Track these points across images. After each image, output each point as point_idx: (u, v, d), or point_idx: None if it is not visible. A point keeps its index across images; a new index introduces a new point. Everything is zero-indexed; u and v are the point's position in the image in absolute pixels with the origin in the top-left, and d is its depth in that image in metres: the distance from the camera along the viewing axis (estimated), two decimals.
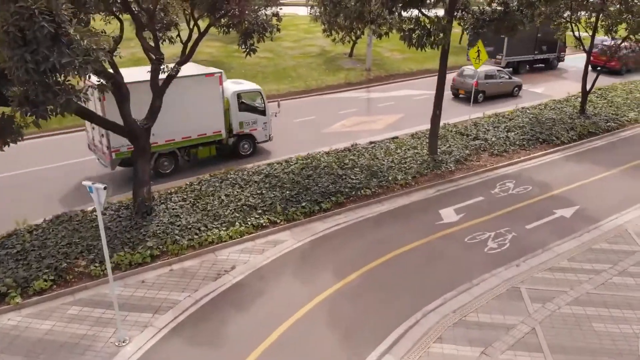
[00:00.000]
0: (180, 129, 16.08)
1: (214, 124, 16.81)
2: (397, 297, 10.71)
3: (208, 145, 17.20)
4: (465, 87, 25.99)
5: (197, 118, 16.29)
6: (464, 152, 18.37)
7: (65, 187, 15.93)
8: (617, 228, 13.60)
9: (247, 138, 18.24)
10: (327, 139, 20.68)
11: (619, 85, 28.67)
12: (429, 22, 14.07)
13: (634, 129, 22.10)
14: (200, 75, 16.39)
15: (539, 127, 21.00)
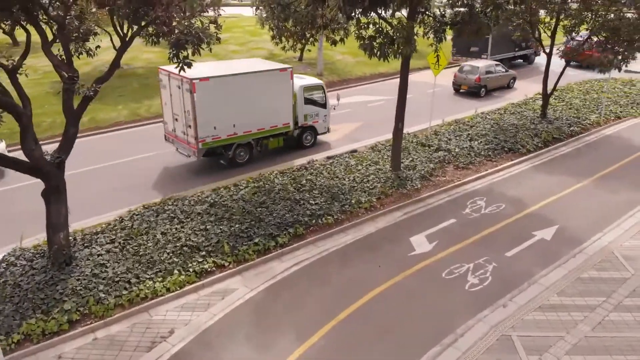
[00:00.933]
0: (256, 121, 16.95)
1: (284, 116, 17.77)
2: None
3: (277, 137, 18.02)
4: (468, 83, 27.17)
5: (270, 110, 17.20)
6: (429, 166, 16.92)
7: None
8: (602, 251, 12.44)
9: (310, 130, 19.20)
10: (275, 154, 18.75)
11: (574, 85, 28.29)
12: (391, 29, 12.43)
13: (597, 133, 21.43)
14: (275, 70, 17.36)
15: (503, 134, 19.91)
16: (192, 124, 15.53)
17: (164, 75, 16.63)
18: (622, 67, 19.08)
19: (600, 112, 23.19)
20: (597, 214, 14.31)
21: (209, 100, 15.43)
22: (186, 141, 16.28)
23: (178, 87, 15.79)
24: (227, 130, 16.30)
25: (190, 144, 16.04)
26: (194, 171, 17.17)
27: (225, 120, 16.11)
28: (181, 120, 16.09)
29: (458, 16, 15.09)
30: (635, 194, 15.54)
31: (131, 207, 13.76)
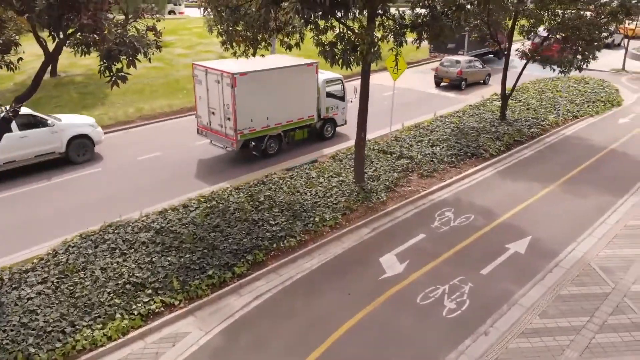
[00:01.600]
0: (286, 113, 17.87)
1: (310, 108, 18.76)
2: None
3: (302, 129, 18.89)
4: (450, 76, 28.77)
5: (298, 103, 18.10)
6: (392, 175, 16.06)
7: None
8: (579, 263, 11.89)
9: (330, 121, 20.16)
10: (229, 167, 17.45)
11: (529, 85, 28.32)
12: (352, 34, 11.39)
13: (557, 134, 21.27)
14: (303, 65, 18.11)
15: (464, 138, 19.35)
16: (231, 117, 16.49)
17: (200, 70, 17.30)
18: (582, 67, 18.89)
19: (558, 112, 23.11)
20: (569, 222, 13.83)
21: (246, 94, 16.38)
22: (224, 134, 17.15)
23: (217, 82, 16.61)
24: (261, 122, 17.26)
25: (229, 135, 16.94)
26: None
27: (260, 112, 17.05)
28: (218, 113, 16.99)
29: (419, 18, 14.28)
30: (602, 199, 15.22)
31: (67, 237, 12.15)
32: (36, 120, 16.55)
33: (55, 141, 16.82)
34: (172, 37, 41.57)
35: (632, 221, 13.84)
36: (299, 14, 9.51)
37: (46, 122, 16.71)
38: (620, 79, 31.95)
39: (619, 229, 13.44)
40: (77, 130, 17.40)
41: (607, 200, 15.15)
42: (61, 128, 16.98)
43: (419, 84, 29.93)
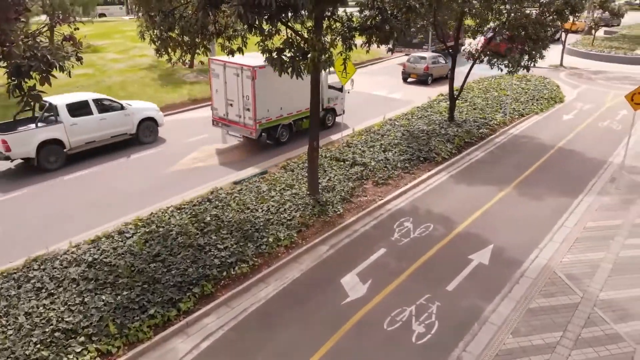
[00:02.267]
0: (296, 104, 19.02)
1: (327, 98, 20.59)
2: None
3: (308, 118, 17.86)
4: (417, 72, 29.93)
5: (306, 94, 17.45)
6: (347, 185, 15.29)
7: None
8: (544, 271, 11.53)
9: (331, 111, 21.46)
10: (175, 182, 16.11)
11: (473, 84, 28.43)
12: (301, 40, 10.44)
13: (506, 134, 21.25)
14: None
15: (415, 142, 18.89)
16: (250, 107, 17.60)
17: (217, 64, 18.06)
18: (530, 67, 18.86)
19: (505, 112, 23.18)
20: (528, 227, 13.54)
21: (264, 86, 17.27)
22: (242, 124, 18.26)
23: (236, 75, 17.50)
24: (276, 112, 18.49)
25: (247, 125, 18.09)
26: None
27: (275, 103, 18.20)
28: (237, 105, 18.04)
29: (368, 20, 13.55)
30: (558, 200, 15.09)
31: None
32: (112, 104, 18.51)
33: (128, 123, 18.84)
34: (105, 42, 39.18)
35: (590, 223, 13.72)
36: (242, 19, 8.47)
37: (121, 106, 18.68)
38: (559, 75, 32.83)
39: (579, 231, 13.27)
40: (145, 113, 19.43)
41: (563, 201, 15.03)
42: (132, 111, 18.93)
43: (368, 85, 29.40)
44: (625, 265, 11.67)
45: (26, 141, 16.10)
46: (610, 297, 10.56)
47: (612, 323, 9.77)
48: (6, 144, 15.68)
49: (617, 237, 12.90)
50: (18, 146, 15.94)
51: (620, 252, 12.24)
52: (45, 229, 13.11)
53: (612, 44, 41.83)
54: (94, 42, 38.79)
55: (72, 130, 17.08)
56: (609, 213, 14.23)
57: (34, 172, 16.57)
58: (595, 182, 16.47)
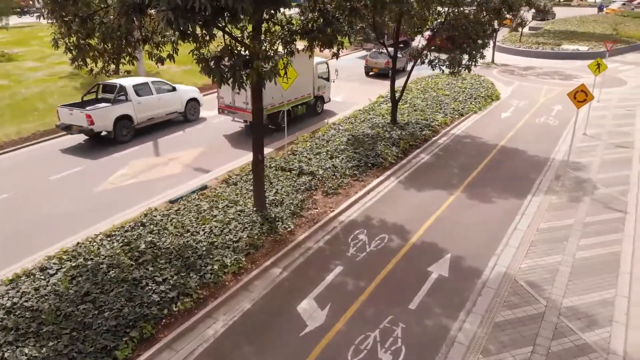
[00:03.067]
0: (294, 92, 20.81)
1: (309, 88, 22.23)
2: None
3: (303, 105, 22.15)
4: (378, 66, 31.47)
5: (302, 84, 20.74)
6: (296, 197, 14.38)
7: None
8: (505, 280, 11.17)
9: (320, 99, 23.64)
10: (103, 204, 14.56)
11: (411, 85, 28.31)
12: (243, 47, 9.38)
13: (448, 134, 21.13)
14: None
15: (362, 147, 18.29)
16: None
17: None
18: (472, 68, 18.75)
19: (445, 112, 23.11)
20: (482, 232, 13.23)
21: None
22: (250, 110, 18.13)
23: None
24: (278, 99, 20.28)
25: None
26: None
27: (278, 92, 19.38)
28: (243, 93, 18.93)
29: (309, 23, 12.72)
30: (508, 201, 14.95)
31: None
32: (166, 86, 21.45)
33: (178, 103, 21.75)
34: (21, 49, 36.07)
35: (542, 224, 13.61)
36: (172, 25, 7.34)
37: (173, 88, 21.61)
38: (492, 72, 33.55)
39: (533, 234, 13.10)
40: (191, 94, 22.46)
41: (512, 203, 14.90)
42: (181, 93, 21.92)
43: None
44: (583, 268, 11.55)
45: (105, 116, 18.91)
46: (574, 304, 10.33)
47: (580, 332, 9.50)
48: (90, 118, 18.38)
49: (571, 238, 12.83)
50: (99, 120, 18.69)
51: (577, 253, 12.14)
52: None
53: (538, 40, 43.50)
54: (9, 49, 35.64)
55: (139, 108, 19.97)
56: (559, 213, 14.21)
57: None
58: (541, 180, 16.53)
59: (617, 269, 11.51)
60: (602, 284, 10.99)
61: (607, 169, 17.27)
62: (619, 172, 17.05)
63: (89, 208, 14.36)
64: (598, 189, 15.78)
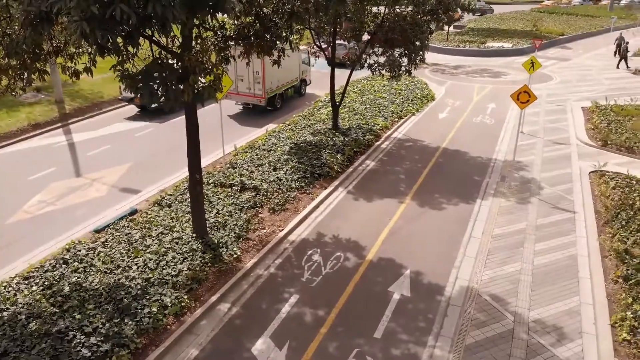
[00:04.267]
0: (286, 77, 24.30)
1: (296, 73, 25.64)
2: None
3: (291, 88, 25.38)
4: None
5: (291, 69, 24.45)
6: (240, 217, 13.22)
7: None
8: (469, 296, 10.66)
9: (303, 82, 26.76)
10: (18, 237, 12.70)
11: (349, 88, 27.69)
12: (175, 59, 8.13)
13: (390, 139, 20.67)
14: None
15: (306, 156, 17.38)
16: (261, 81, 22.27)
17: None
18: (412, 71, 18.32)
19: (385, 115, 22.68)
20: (438, 242, 12.72)
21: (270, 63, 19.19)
22: (252, 94, 22.77)
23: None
24: (276, 84, 23.39)
25: (257, 95, 22.70)
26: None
27: (275, 77, 22.82)
28: (246, 79, 22.45)
29: (245, 28, 11.63)
30: (458, 207, 14.60)
31: None
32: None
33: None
34: None
35: (496, 230, 13.32)
36: (87, 38, 6.03)
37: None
38: (424, 72, 33.68)
39: (488, 241, 12.76)
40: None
41: (463, 208, 14.56)
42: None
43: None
44: (543, 276, 11.29)
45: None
46: (541, 316, 9.98)
47: (552, 348, 9.12)
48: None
49: (526, 244, 12.61)
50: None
51: (535, 260, 11.89)
52: None
53: (464, 38, 44.53)
54: None
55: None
56: (510, 217, 14.01)
57: None
58: (488, 182, 16.38)
59: (577, 274, 11.34)
60: (565, 291, 10.75)
61: (549, 167, 17.45)
62: (561, 169, 17.26)
63: (1, 244, 12.44)
64: (543, 188, 15.82)
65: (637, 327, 9.24)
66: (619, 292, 10.55)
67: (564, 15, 65.03)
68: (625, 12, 67.14)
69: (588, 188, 15.79)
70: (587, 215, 14.05)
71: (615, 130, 20.26)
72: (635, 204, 13.91)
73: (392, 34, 17.51)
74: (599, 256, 12.02)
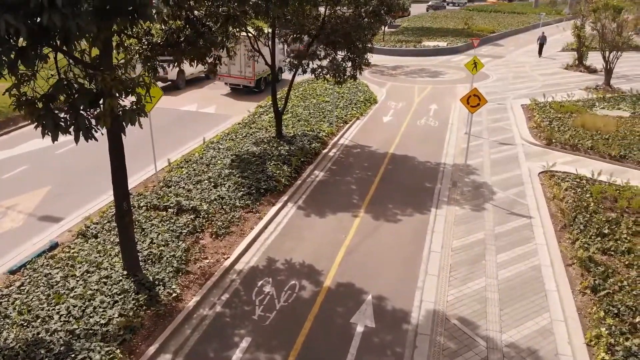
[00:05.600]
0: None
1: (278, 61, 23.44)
2: None
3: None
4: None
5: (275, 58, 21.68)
6: (179, 246, 11.79)
7: None
8: (437, 321, 9.85)
9: (280, 68, 28.02)
10: None
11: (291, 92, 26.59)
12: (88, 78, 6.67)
13: (337, 146, 19.78)
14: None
15: (249, 169, 16.11)
16: (251, 66, 26.33)
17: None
18: (357, 75, 17.46)
19: (330, 120, 21.76)
20: (398, 260, 11.89)
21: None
22: (243, 77, 26.98)
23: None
24: (262, 68, 26.33)
25: (247, 77, 26.91)
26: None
27: (262, 63, 22.06)
28: (238, 64, 26.44)
29: (175, 34, 10.26)
30: (414, 218, 13.88)
31: None
32: None
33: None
34: None
35: (455, 242, 12.68)
36: None
37: None
38: (364, 73, 32.79)
39: (449, 255, 12.07)
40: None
41: (418, 219, 13.85)
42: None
43: (174, 100, 25.45)
44: (510, 292, 10.70)
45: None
46: (514, 339, 9.33)
47: None
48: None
49: (488, 256, 12.03)
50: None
51: (499, 274, 11.31)
52: None
53: (400, 38, 44.57)
54: None
55: None
56: (467, 226, 13.44)
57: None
58: (440, 189, 15.81)
59: (543, 287, 10.85)
60: (534, 307, 10.20)
61: (499, 170, 17.15)
62: (511, 171, 17.00)
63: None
64: (496, 193, 15.43)
65: (614, 345, 8.75)
66: (588, 304, 10.12)
67: (492, 12, 67.11)
68: (550, 8, 70.27)
69: (540, 190, 15.56)
70: (543, 220, 13.72)
71: (558, 129, 20.40)
72: (589, 206, 13.73)
73: (334, 37, 16.55)
74: (562, 265, 11.61)
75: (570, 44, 42.81)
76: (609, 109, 24.01)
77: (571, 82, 30.30)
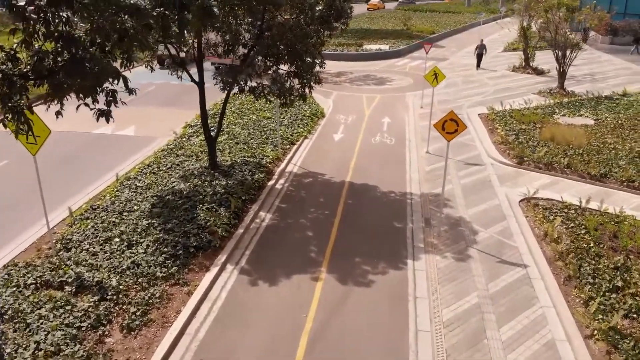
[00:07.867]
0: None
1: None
2: None
3: None
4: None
5: None
6: (75, 353, 8.33)
7: None
8: None
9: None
10: None
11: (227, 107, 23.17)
12: None
13: (285, 175, 16.68)
14: None
15: (175, 218, 12.80)
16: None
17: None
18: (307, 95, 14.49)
19: (274, 142, 18.62)
20: (379, 348, 9.05)
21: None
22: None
23: None
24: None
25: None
26: None
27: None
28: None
29: (48, 59, 6.91)
30: (388, 279, 11.10)
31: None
32: None
33: None
34: None
35: (445, 312, 10.02)
36: None
37: None
38: None
39: (441, 335, 9.38)
40: None
41: (394, 278, 11.11)
42: None
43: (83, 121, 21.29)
44: None
45: None
46: None
47: None
48: None
49: (489, 331, 9.45)
50: None
51: (507, 356, 8.70)
52: None
53: (339, 41, 41.94)
54: None
55: None
56: (455, 286, 10.82)
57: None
58: (412, 229, 13.19)
59: None
60: None
61: (474, 199, 14.78)
62: (487, 201, 14.68)
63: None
64: (477, 232, 13.00)
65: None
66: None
67: (427, 12, 66.30)
68: (484, 6, 70.43)
69: (526, 225, 13.30)
70: (541, 269, 11.38)
71: (527, 143, 18.41)
72: (590, 247, 11.56)
73: (276, 49, 13.46)
74: (580, 338, 9.23)
75: (511, 43, 42.03)
76: (570, 115, 22.52)
77: (522, 86, 28.92)
